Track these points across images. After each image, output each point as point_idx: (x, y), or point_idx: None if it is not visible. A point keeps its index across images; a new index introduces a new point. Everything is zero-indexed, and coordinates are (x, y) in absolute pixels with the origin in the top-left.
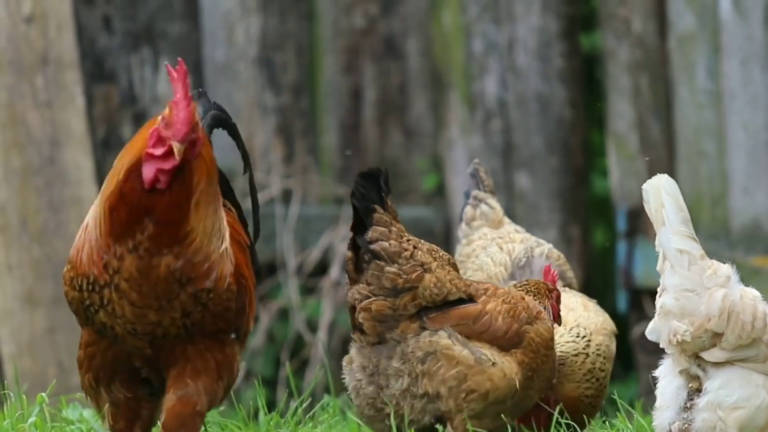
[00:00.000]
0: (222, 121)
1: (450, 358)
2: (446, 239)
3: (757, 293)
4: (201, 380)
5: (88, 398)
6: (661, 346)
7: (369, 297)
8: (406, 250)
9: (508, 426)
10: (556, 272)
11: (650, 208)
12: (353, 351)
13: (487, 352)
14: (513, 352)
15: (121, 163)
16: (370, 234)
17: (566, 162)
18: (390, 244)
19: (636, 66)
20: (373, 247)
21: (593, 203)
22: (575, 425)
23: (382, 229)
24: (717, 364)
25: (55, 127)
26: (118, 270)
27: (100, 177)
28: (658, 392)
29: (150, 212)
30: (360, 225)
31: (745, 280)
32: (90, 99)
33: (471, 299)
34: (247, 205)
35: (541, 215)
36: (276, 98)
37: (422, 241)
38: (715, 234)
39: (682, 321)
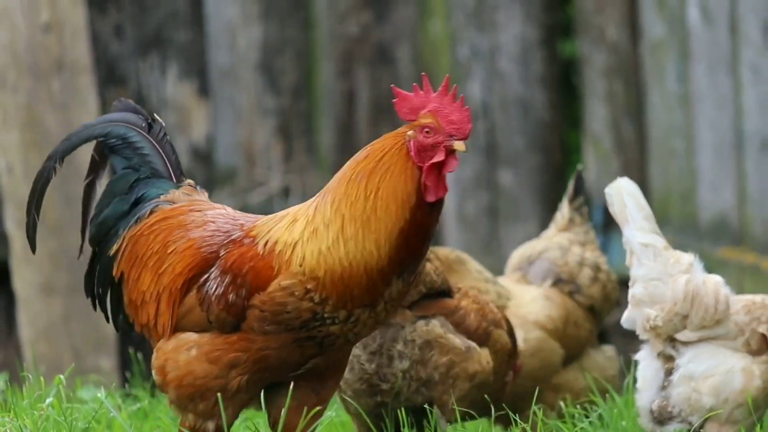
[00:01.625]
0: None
1: (442, 346)
2: None
3: (720, 279)
4: (337, 377)
5: (224, 400)
6: (637, 333)
7: None
8: None
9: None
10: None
11: (614, 209)
12: None
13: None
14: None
15: (390, 185)
16: None
17: (546, 160)
18: None
19: (610, 71)
20: None
21: None
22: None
23: None
24: (689, 343)
25: (71, 128)
26: (382, 295)
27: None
28: (638, 375)
29: (427, 231)
30: None
31: (713, 270)
32: (103, 101)
33: (449, 294)
34: (250, 200)
35: (522, 209)
36: (276, 100)
37: None
38: (685, 227)
39: (653, 308)
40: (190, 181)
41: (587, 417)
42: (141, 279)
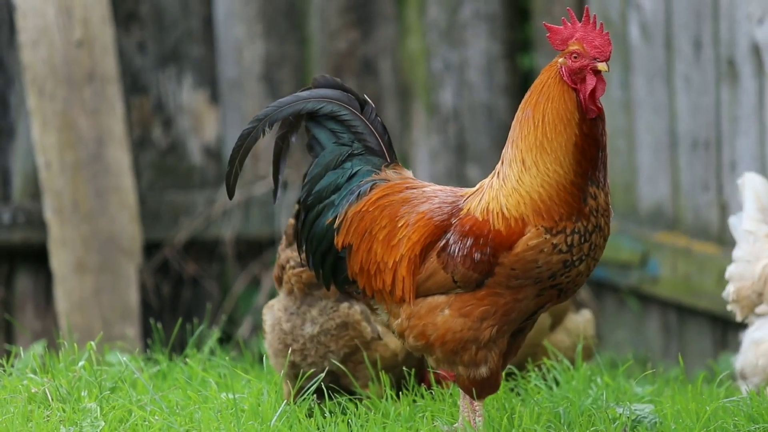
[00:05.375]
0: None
1: (356, 330)
2: None
3: None
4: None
5: (480, 349)
6: (730, 301)
7: (302, 266)
8: None
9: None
10: None
11: (741, 197)
12: (278, 297)
13: (380, 328)
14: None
15: (553, 108)
16: None
17: None
18: None
19: None
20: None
21: None
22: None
23: None
24: (763, 315)
25: (100, 130)
26: (597, 208)
27: (136, 170)
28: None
29: (597, 141)
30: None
31: (651, 252)
32: (128, 107)
33: None
34: (254, 191)
35: None
36: None
37: None
38: (627, 215)
39: (738, 284)
40: (396, 162)
41: (544, 379)
42: (373, 250)
